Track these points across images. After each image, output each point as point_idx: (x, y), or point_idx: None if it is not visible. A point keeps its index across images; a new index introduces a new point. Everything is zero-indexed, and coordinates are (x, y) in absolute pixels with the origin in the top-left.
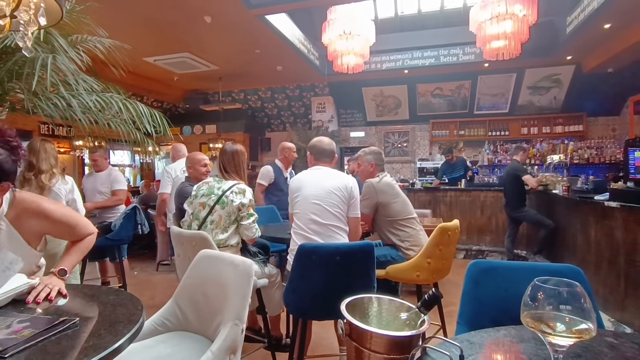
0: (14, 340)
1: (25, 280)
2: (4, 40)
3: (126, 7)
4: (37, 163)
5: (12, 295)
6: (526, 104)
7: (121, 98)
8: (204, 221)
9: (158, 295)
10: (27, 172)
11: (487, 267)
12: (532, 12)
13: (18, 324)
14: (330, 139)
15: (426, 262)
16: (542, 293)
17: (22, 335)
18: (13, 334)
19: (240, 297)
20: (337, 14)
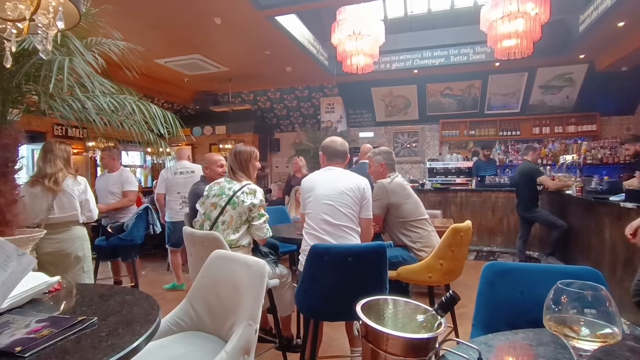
0: (33, 340)
1: (43, 279)
2: (22, 44)
3: (137, 9)
4: (42, 166)
5: (31, 295)
6: (538, 103)
7: (134, 100)
8: (216, 221)
9: (169, 295)
10: (37, 175)
11: (502, 269)
12: (545, 10)
13: (37, 323)
14: (343, 140)
15: (438, 264)
16: (566, 296)
17: (42, 334)
18: (32, 334)
19: (253, 297)
20: (346, 14)
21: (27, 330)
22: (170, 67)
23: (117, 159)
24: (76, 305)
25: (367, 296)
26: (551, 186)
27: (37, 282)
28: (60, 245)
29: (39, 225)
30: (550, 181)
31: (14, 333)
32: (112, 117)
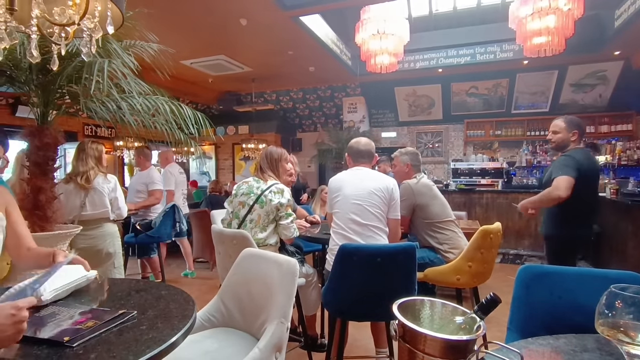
0: (79, 331)
1: (82, 272)
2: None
3: (165, 12)
4: (76, 165)
5: (72, 288)
6: (568, 102)
7: (167, 100)
8: (244, 220)
9: (194, 292)
10: (71, 172)
11: (539, 272)
12: (578, 5)
13: (80, 315)
14: (368, 139)
15: (467, 266)
16: (621, 301)
17: (87, 326)
18: (77, 324)
19: (285, 295)
20: (370, 14)
21: (72, 321)
22: (195, 68)
23: (146, 158)
24: (115, 299)
25: (396, 297)
26: None
27: (78, 275)
28: (92, 241)
29: (72, 222)
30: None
31: (60, 324)
32: (145, 117)
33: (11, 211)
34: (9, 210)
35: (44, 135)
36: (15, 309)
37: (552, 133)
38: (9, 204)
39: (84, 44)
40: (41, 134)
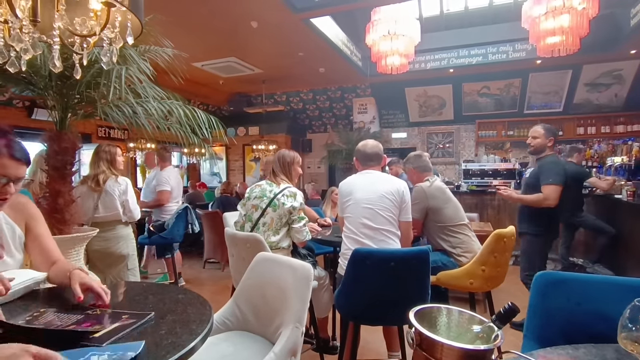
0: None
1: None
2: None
3: (177, 16)
4: (91, 167)
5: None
6: (583, 102)
7: (181, 105)
8: (257, 223)
9: (206, 293)
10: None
11: (556, 279)
12: (593, 4)
13: (96, 318)
14: (375, 142)
15: (480, 270)
16: None
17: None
18: (96, 325)
19: (300, 300)
20: (381, 15)
21: (91, 322)
22: (206, 70)
23: (162, 159)
24: (133, 302)
25: (409, 301)
26: (604, 187)
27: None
28: (105, 243)
29: (86, 224)
30: (601, 182)
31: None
32: (160, 121)
33: (34, 225)
34: (32, 224)
35: (63, 140)
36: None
37: (532, 138)
38: (30, 217)
39: (104, 53)
40: (60, 138)
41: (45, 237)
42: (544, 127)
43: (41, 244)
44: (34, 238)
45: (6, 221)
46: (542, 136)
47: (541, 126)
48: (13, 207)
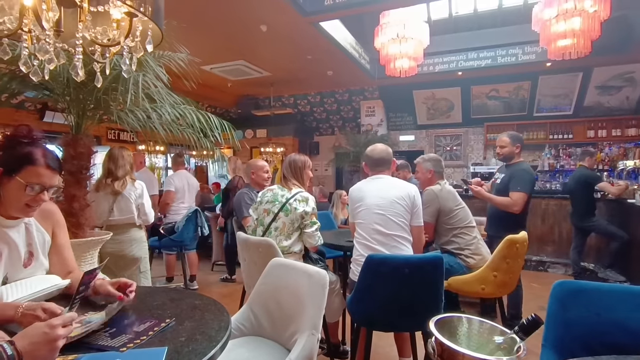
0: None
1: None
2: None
3: (187, 19)
4: (115, 170)
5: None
6: (593, 105)
7: (194, 109)
8: (268, 227)
9: (214, 296)
10: (106, 178)
11: (575, 288)
12: (605, 7)
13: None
14: (384, 146)
15: (492, 275)
16: None
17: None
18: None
19: (315, 307)
20: (390, 18)
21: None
22: (215, 73)
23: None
24: (152, 308)
25: (423, 308)
26: (614, 192)
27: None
28: (119, 246)
29: (101, 227)
30: (612, 187)
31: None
32: (173, 126)
33: (58, 232)
34: (57, 231)
35: (79, 145)
36: (49, 327)
37: (500, 147)
38: (57, 225)
39: (123, 62)
40: (76, 143)
41: (66, 248)
42: (509, 135)
43: (62, 253)
44: (56, 246)
45: (37, 228)
46: (508, 144)
47: (507, 134)
48: (42, 214)
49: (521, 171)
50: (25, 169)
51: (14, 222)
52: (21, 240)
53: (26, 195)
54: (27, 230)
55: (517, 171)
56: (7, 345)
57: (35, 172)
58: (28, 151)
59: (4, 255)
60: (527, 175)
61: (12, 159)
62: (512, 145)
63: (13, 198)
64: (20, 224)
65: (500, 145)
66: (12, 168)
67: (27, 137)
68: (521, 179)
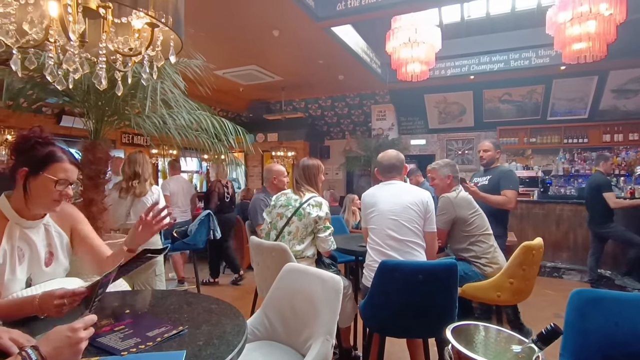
0: (138, 345)
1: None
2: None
3: (201, 25)
4: (142, 173)
5: None
6: (609, 108)
7: (209, 115)
8: (282, 231)
9: (227, 297)
10: (132, 180)
11: (594, 297)
12: (621, 10)
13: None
14: (395, 152)
15: (508, 282)
16: None
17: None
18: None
19: (330, 312)
20: (401, 22)
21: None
22: (227, 78)
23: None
24: (169, 311)
25: (437, 314)
26: (613, 206)
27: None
28: None
29: (117, 230)
30: (614, 200)
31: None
32: (188, 131)
33: (80, 227)
34: (78, 227)
35: (97, 150)
36: (71, 331)
37: (484, 151)
38: (75, 221)
39: (144, 70)
40: (94, 149)
41: (93, 238)
42: (492, 142)
43: (90, 243)
44: (81, 239)
45: (55, 229)
46: (492, 149)
47: (489, 142)
48: (59, 215)
49: (508, 172)
50: (52, 166)
51: (33, 222)
52: (41, 241)
53: (55, 191)
54: (46, 230)
55: (504, 172)
56: (32, 351)
57: (62, 167)
58: (51, 150)
59: (26, 256)
60: (514, 175)
61: (36, 159)
62: (494, 151)
63: (42, 194)
64: (40, 224)
65: (484, 150)
66: (39, 167)
67: (42, 138)
68: (511, 179)
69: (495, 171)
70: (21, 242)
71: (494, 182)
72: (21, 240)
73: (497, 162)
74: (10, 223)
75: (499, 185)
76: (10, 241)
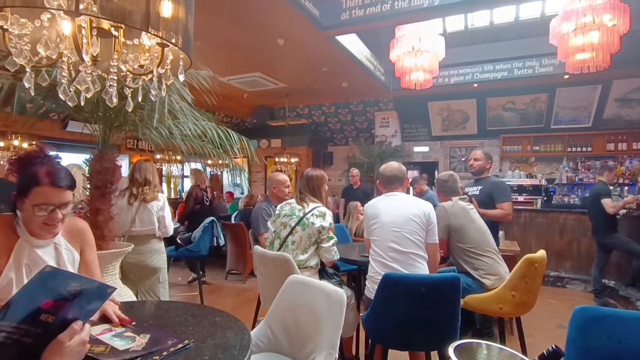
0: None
1: None
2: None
3: (206, 33)
4: (152, 179)
5: None
6: (613, 117)
7: (215, 126)
8: (285, 240)
9: (229, 304)
10: (144, 186)
11: (596, 315)
12: (624, 21)
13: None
14: (397, 164)
15: (510, 295)
16: None
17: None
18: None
19: (333, 326)
20: (405, 31)
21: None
22: (232, 84)
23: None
24: (175, 324)
25: (439, 328)
26: (610, 211)
27: None
28: (139, 257)
29: (122, 237)
30: (610, 205)
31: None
32: (194, 142)
33: (87, 252)
34: (86, 250)
35: (105, 160)
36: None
37: (474, 160)
38: (86, 243)
39: (153, 87)
40: (102, 159)
41: (94, 266)
42: (483, 152)
43: (90, 271)
44: (84, 263)
45: (66, 246)
46: (483, 158)
47: (481, 151)
48: (72, 232)
49: (499, 183)
50: (32, 191)
51: (43, 242)
52: (50, 259)
53: (38, 217)
54: (56, 249)
55: (496, 183)
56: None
57: (42, 192)
58: (33, 172)
59: (32, 272)
60: (506, 186)
61: (21, 182)
62: (485, 160)
63: (29, 220)
64: (50, 243)
65: (474, 158)
66: (22, 191)
67: (34, 157)
68: (504, 190)
69: (487, 182)
70: (30, 260)
71: (485, 192)
72: (29, 258)
73: (487, 172)
74: (20, 240)
75: (491, 196)
76: (19, 259)
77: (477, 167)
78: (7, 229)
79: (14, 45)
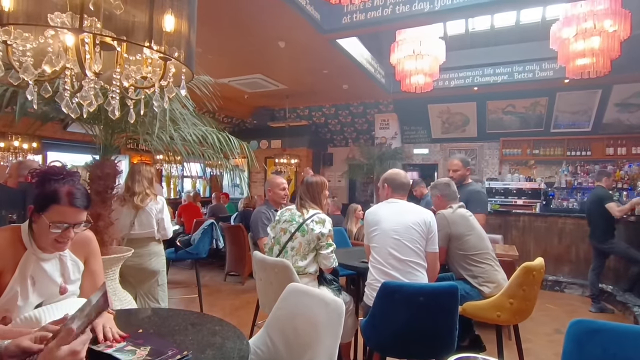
0: None
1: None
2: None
3: (208, 36)
4: (131, 185)
5: None
6: (613, 122)
7: (215, 131)
8: (285, 246)
9: (227, 307)
10: (125, 192)
11: (592, 328)
12: (625, 27)
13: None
14: (404, 172)
15: (508, 302)
16: None
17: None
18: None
19: (332, 336)
20: (406, 35)
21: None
22: (232, 86)
23: None
24: (174, 332)
25: (438, 336)
26: (617, 215)
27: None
28: (138, 260)
29: (122, 240)
30: (616, 209)
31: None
32: (194, 147)
33: (92, 261)
34: (91, 260)
35: (105, 166)
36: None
37: (453, 171)
38: (91, 253)
39: (156, 99)
40: (103, 165)
41: (98, 275)
42: (460, 159)
43: (94, 281)
44: (89, 274)
45: (71, 258)
46: (461, 167)
47: (458, 159)
48: (77, 241)
49: (476, 193)
50: (50, 208)
51: (49, 255)
52: (55, 271)
53: (52, 233)
54: (61, 261)
55: (473, 193)
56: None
57: (60, 211)
58: (54, 189)
59: (39, 285)
60: (483, 196)
61: (41, 197)
62: (464, 168)
63: (42, 235)
64: (55, 256)
65: (453, 169)
66: (41, 206)
67: (57, 174)
68: (479, 201)
69: (465, 190)
70: (35, 272)
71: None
72: (35, 270)
73: (467, 179)
74: (27, 253)
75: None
76: (24, 271)
77: (457, 177)
78: (16, 242)
79: (17, 59)
